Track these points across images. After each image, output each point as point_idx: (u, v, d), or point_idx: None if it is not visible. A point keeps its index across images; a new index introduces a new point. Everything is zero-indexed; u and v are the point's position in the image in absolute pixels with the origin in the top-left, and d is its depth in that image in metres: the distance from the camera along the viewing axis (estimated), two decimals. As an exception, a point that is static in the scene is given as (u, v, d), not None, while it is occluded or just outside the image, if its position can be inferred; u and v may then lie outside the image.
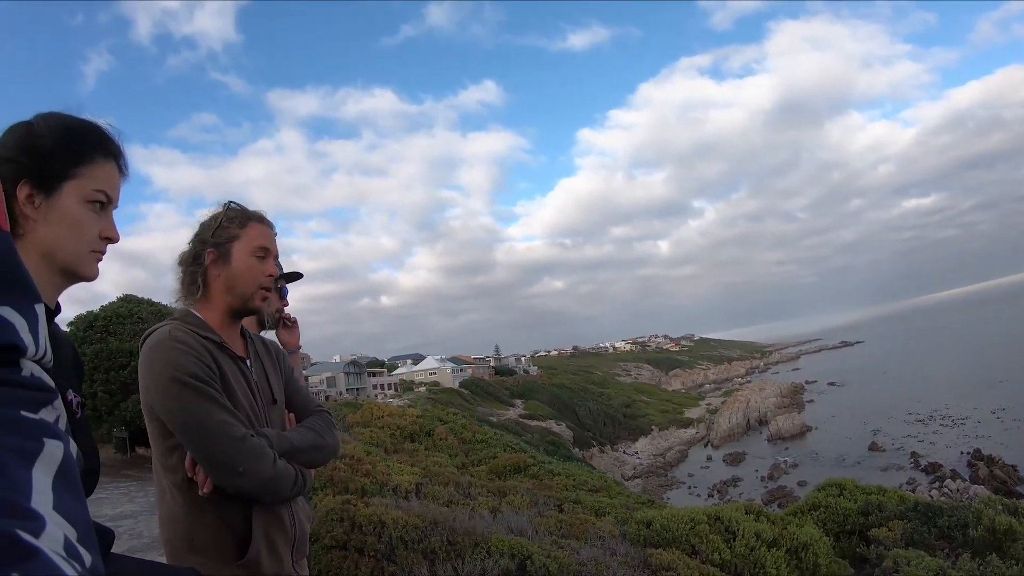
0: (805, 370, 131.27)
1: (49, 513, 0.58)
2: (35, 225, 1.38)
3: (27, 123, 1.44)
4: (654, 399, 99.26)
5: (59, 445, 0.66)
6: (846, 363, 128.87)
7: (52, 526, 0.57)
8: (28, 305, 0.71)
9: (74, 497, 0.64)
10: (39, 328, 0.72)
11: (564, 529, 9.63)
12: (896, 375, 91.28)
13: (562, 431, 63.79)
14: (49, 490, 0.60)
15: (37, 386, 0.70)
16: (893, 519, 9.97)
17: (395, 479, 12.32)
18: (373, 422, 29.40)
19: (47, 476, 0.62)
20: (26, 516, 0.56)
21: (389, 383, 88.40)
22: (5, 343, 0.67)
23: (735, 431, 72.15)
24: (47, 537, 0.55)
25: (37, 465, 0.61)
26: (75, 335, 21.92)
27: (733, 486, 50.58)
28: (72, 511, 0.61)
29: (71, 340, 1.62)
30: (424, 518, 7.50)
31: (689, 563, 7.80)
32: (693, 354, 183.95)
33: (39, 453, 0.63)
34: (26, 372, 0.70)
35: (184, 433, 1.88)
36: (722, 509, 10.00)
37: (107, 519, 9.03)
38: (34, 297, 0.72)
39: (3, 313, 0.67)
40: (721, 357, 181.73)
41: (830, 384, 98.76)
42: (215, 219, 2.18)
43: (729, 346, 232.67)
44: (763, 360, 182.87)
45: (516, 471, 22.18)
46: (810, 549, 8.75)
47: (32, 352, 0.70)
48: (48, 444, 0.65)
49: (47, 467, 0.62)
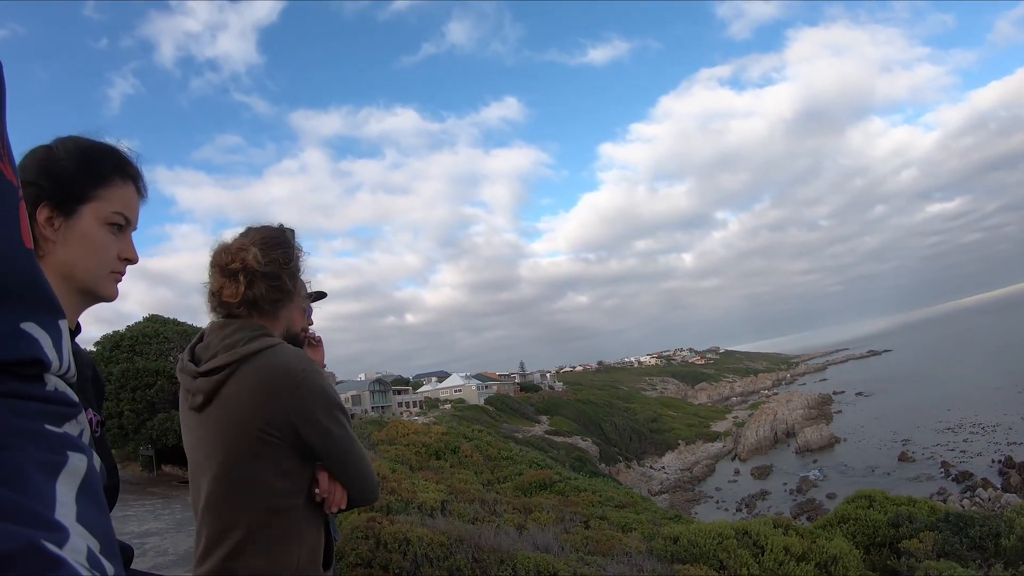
0: (832, 380, 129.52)
1: (72, 525, 0.59)
2: (54, 247, 1.40)
3: (46, 147, 1.47)
4: (680, 413, 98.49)
5: (83, 458, 0.67)
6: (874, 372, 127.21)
7: (75, 537, 0.58)
8: (52, 321, 0.71)
9: (97, 510, 0.65)
10: (63, 344, 0.73)
11: (590, 545, 9.57)
12: (925, 383, 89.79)
13: (588, 447, 63.43)
14: (73, 502, 0.61)
15: (61, 400, 0.70)
16: (924, 530, 9.83)
17: (420, 496, 12.32)
18: (398, 440, 29.45)
19: (71, 489, 0.62)
20: (50, 527, 0.56)
21: (414, 401, 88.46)
22: (30, 358, 0.67)
23: (762, 444, 71.28)
24: (70, 548, 0.56)
25: (61, 478, 0.62)
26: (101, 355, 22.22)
27: (761, 500, 49.94)
28: (95, 523, 0.62)
29: (92, 359, 1.65)
30: (449, 535, 7.48)
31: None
32: (719, 367, 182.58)
33: (63, 466, 0.64)
34: (50, 387, 0.70)
35: (344, 457, 1.93)
36: (750, 523, 9.91)
37: (133, 536, 9.11)
38: (58, 313, 0.73)
39: (28, 329, 0.67)
40: (747, 369, 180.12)
41: (858, 394, 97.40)
42: (290, 248, 2.15)
43: (755, 358, 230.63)
44: (790, 371, 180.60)
45: (542, 487, 22.11)
46: (840, 562, 8.63)
47: (56, 367, 0.71)
48: (72, 457, 0.66)
49: (71, 480, 0.63)
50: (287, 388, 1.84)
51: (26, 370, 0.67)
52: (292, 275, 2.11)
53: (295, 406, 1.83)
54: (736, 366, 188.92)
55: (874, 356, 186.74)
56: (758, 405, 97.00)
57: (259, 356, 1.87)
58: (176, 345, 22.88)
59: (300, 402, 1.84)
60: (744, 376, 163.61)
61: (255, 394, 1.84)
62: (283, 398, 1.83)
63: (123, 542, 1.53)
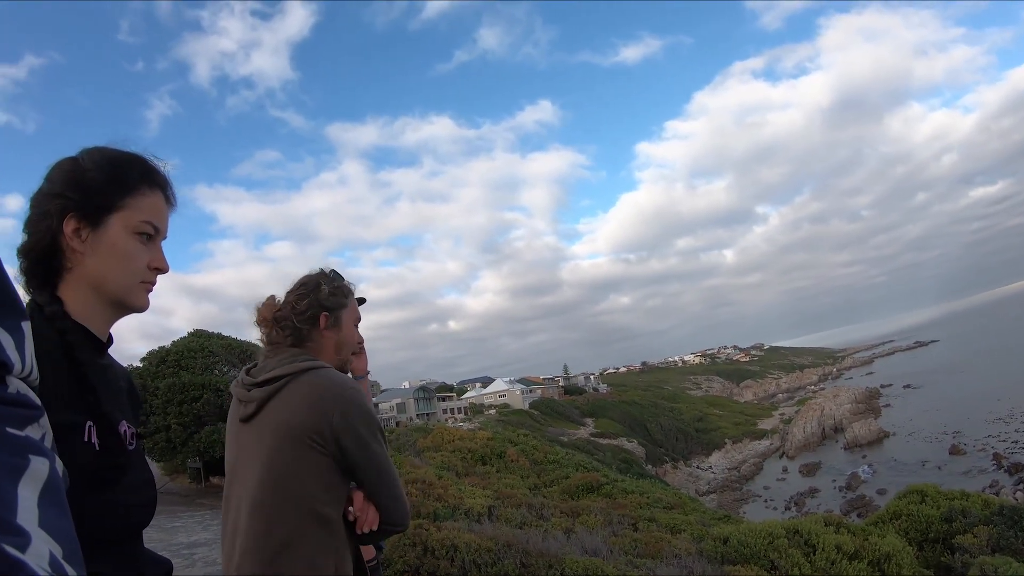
0: (879, 374, 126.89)
1: (34, 530, 0.58)
2: (83, 258, 1.40)
3: (72, 158, 1.47)
4: (726, 412, 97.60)
5: (45, 462, 0.67)
6: (921, 364, 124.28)
7: (37, 542, 0.57)
8: (15, 323, 0.71)
9: (60, 514, 0.65)
10: (25, 346, 0.73)
11: (639, 548, 9.51)
12: (973, 373, 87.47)
13: (634, 448, 63.17)
14: (35, 507, 0.61)
15: (23, 403, 0.70)
16: (978, 524, 9.62)
17: (467, 502, 12.35)
18: (444, 446, 29.56)
19: (33, 493, 0.62)
20: (12, 531, 0.56)
21: (459, 407, 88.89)
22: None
23: (810, 440, 70.18)
24: (32, 552, 0.56)
25: (23, 482, 0.62)
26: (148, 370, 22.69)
27: (811, 497, 49.20)
28: (57, 528, 0.62)
29: (128, 372, 1.66)
30: (497, 541, 7.48)
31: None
32: (764, 364, 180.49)
33: (25, 470, 0.63)
34: (12, 389, 0.70)
35: (379, 475, 2.02)
36: (800, 522, 9.78)
37: (182, 547, 9.28)
38: (20, 315, 0.73)
39: None
40: (792, 365, 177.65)
41: (906, 387, 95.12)
42: (327, 284, 2.33)
43: (800, 353, 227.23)
44: (836, 366, 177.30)
45: (589, 490, 22.05)
46: (893, 560, 8.47)
47: (18, 369, 0.70)
48: (34, 461, 0.65)
49: (33, 484, 0.63)
50: (336, 400, 1.95)
51: None
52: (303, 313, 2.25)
53: (341, 417, 1.93)
54: (781, 362, 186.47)
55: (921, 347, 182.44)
56: (805, 401, 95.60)
57: (312, 372, 2.02)
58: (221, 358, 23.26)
59: (346, 415, 1.94)
60: (789, 372, 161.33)
61: (306, 401, 1.95)
62: (331, 409, 1.93)
63: (162, 556, 1.55)
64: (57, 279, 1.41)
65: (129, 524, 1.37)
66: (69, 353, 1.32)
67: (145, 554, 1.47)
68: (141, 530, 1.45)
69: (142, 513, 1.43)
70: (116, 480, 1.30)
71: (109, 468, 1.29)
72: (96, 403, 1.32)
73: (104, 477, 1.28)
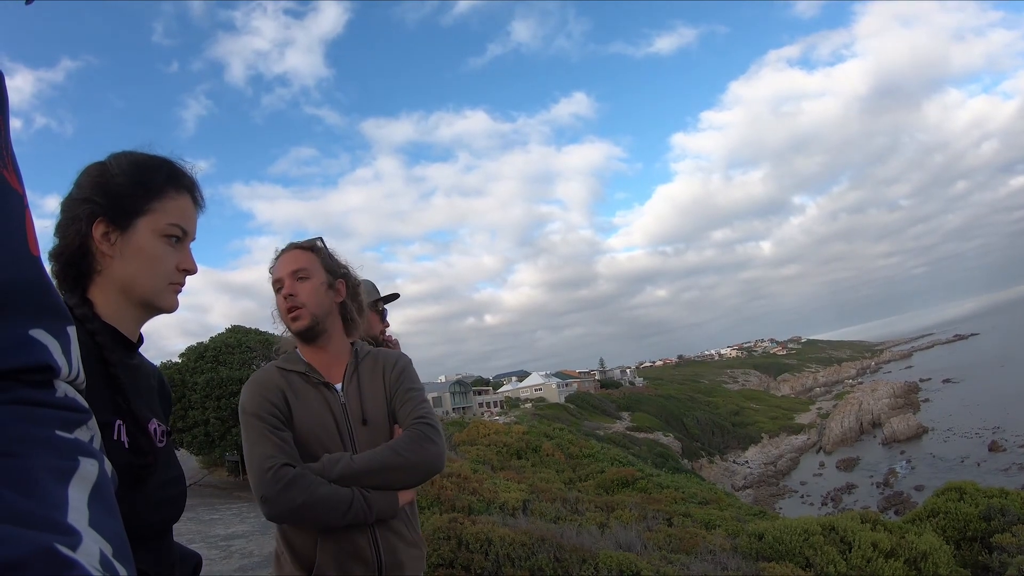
0: (918, 367, 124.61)
1: (85, 529, 0.60)
2: (112, 262, 1.44)
3: (101, 163, 1.52)
4: (763, 406, 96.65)
5: (94, 463, 0.69)
6: (961, 358, 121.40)
7: (88, 541, 0.59)
8: (61, 327, 0.74)
9: (109, 514, 0.66)
10: (72, 350, 0.75)
11: (674, 543, 9.50)
12: (1014, 367, 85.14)
13: (670, 442, 62.85)
14: (85, 507, 0.63)
15: (71, 407, 0.73)
16: (1017, 523, 9.43)
17: (502, 496, 12.41)
18: (479, 440, 29.68)
19: (83, 493, 0.64)
20: (64, 531, 0.57)
21: (495, 401, 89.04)
22: (40, 364, 0.68)
23: (848, 435, 69.15)
24: (83, 551, 0.57)
25: (73, 483, 0.64)
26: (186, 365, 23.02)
27: (847, 493, 48.56)
28: (107, 527, 0.64)
29: (159, 371, 1.69)
30: (531, 535, 7.53)
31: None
32: (801, 357, 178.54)
33: (75, 471, 0.65)
34: (60, 393, 0.72)
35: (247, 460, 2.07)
36: (836, 519, 9.69)
37: (219, 539, 9.44)
38: (66, 320, 0.75)
39: (37, 335, 0.69)
40: (830, 359, 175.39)
41: (945, 381, 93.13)
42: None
43: (838, 346, 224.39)
44: (874, 359, 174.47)
45: (624, 485, 22.01)
46: (929, 559, 8.37)
47: (65, 373, 0.73)
48: (83, 463, 0.67)
49: (82, 485, 0.65)
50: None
51: (36, 377, 0.68)
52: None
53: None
54: (818, 355, 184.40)
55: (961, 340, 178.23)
56: (842, 395, 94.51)
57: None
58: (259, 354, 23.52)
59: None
60: (827, 366, 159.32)
61: None
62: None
63: (190, 550, 1.59)
64: (87, 282, 1.45)
65: (159, 520, 1.41)
66: (99, 354, 1.36)
67: (175, 548, 1.51)
68: (171, 525, 1.49)
69: (172, 509, 1.47)
70: (146, 477, 1.34)
71: (139, 466, 1.33)
72: (125, 402, 1.37)
73: (134, 475, 1.32)
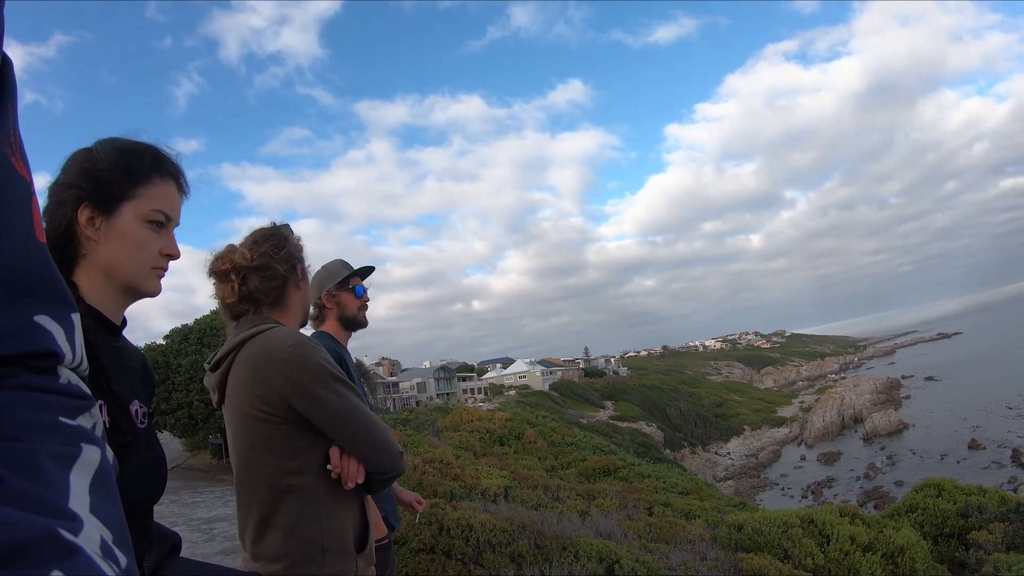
0: (901, 364, 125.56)
1: (86, 515, 0.60)
2: (96, 246, 1.47)
3: (87, 149, 1.53)
4: (746, 398, 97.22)
5: (96, 450, 0.69)
6: (944, 356, 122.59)
7: (89, 527, 0.59)
8: (65, 314, 0.74)
9: (110, 500, 0.66)
10: (75, 337, 0.76)
11: (653, 533, 9.57)
12: (996, 367, 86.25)
13: (652, 432, 63.17)
14: (86, 493, 0.63)
15: (74, 393, 0.73)
16: (994, 521, 9.56)
17: (484, 483, 12.45)
18: (462, 426, 29.74)
19: (84, 480, 0.64)
20: (66, 516, 0.57)
21: (479, 387, 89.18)
22: (44, 351, 0.69)
23: (829, 430, 69.72)
24: (85, 537, 0.57)
25: (75, 469, 0.64)
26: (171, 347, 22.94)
27: (827, 487, 48.98)
28: (108, 514, 0.64)
29: (142, 353, 1.71)
30: (512, 521, 7.55)
31: (781, 568, 7.65)
32: (785, 351, 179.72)
33: (77, 457, 0.65)
34: (63, 380, 0.72)
35: (346, 424, 1.90)
36: (816, 512, 9.76)
37: (202, 522, 9.44)
38: (70, 307, 0.75)
39: (41, 322, 0.69)
40: (814, 353, 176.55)
41: (927, 379, 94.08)
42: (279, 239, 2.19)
43: (822, 341, 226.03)
44: (857, 355, 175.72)
45: (605, 473, 22.12)
46: (907, 554, 8.46)
47: (69, 360, 0.73)
48: (85, 449, 0.67)
49: (85, 471, 0.65)
50: (272, 365, 1.89)
51: (40, 363, 0.68)
52: (286, 262, 2.14)
53: (282, 381, 1.87)
54: (802, 350, 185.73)
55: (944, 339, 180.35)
56: (825, 390, 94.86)
57: (250, 342, 1.95)
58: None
59: (287, 376, 1.87)
60: (810, 360, 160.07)
61: (247, 378, 1.92)
62: (269, 376, 1.88)
63: (169, 529, 1.61)
64: (72, 265, 1.47)
65: (138, 499, 1.42)
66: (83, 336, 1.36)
67: (154, 527, 1.53)
68: (151, 505, 1.51)
69: (151, 488, 1.49)
70: (125, 457, 1.34)
71: (118, 445, 1.33)
72: (107, 383, 1.38)
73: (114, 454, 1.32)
